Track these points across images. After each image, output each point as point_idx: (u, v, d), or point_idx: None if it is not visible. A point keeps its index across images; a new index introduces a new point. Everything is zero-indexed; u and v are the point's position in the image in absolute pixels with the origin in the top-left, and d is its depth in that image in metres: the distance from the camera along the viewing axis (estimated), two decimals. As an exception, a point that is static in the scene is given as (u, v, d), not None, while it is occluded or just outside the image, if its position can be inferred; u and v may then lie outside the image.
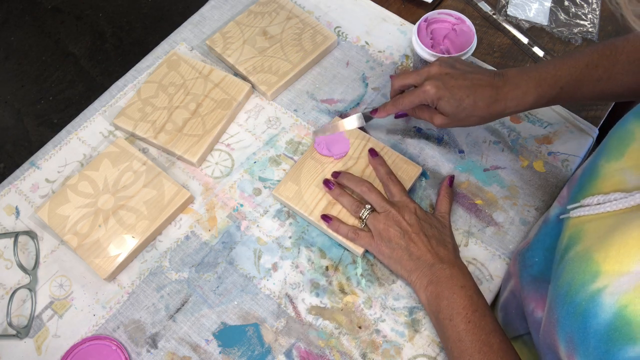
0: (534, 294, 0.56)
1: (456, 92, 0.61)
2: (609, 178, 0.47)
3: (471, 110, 0.62)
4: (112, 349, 0.63)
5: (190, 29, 0.85)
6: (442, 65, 0.64)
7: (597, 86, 0.62)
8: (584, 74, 0.61)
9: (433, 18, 0.78)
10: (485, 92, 0.61)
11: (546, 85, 0.61)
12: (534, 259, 0.59)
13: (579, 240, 0.45)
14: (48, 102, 1.80)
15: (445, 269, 0.61)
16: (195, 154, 0.73)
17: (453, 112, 0.62)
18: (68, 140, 0.76)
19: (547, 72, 0.62)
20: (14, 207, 0.72)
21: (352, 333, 0.64)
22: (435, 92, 0.62)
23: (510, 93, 0.62)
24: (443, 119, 0.64)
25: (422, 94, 0.63)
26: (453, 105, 0.62)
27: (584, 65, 0.62)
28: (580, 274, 0.42)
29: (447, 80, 0.62)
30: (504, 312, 0.65)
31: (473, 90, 0.61)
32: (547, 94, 0.62)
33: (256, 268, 0.68)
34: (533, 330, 0.56)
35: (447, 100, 0.62)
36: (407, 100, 0.65)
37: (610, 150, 0.49)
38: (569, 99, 0.64)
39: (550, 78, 0.62)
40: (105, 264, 0.66)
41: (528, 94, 0.61)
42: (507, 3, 0.87)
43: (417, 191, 0.72)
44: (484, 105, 0.62)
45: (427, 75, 0.64)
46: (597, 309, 0.39)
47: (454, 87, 0.62)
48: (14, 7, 1.97)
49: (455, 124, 0.65)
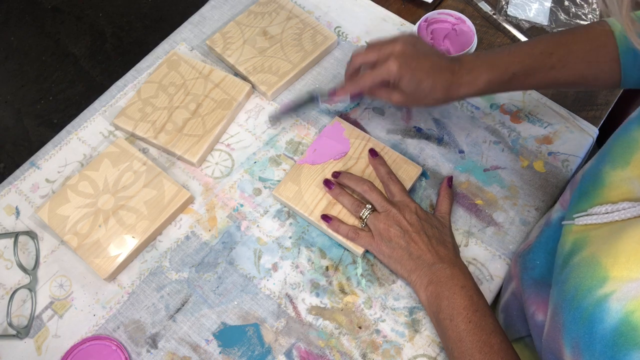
0: (534, 297, 0.56)
1: (417, 73, 0.62)
2: (615, 187, 0.47)
3: (429, 91, 0.63)
4: (112, 349, 0.63)
5: (190, 29, 0.85)
6: (405, 44, 0.63)
7: (550, 73, 0.63)
8: (537, 61, 0.62)
9: (433, 18, 0.78)
10: (443, 75, 0.62)
11: (498, 70, 0.62)
12: (535, 261, 0.59)
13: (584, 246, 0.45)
14: (48, 102, 1.79)
15: (446, 268, 0.61)
16: (195, 154, 0.73)
17: (411, 92, 0.63)
18: (68, 140, 0.76)
19: (500, 59, 0.63)
20: (14, 207, 0.72)
21: (352, 333, 0.64)
22: (397, 70, 0.62)
23: (463, 78, 0.62)
24: (400, 97, 0.64)
25: (386, 72, 0.63)
26: (412, 85, 0.62)
27: (539, 52, 0.62)
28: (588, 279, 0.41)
29: (410, 60, 0.62)
30: (505, 313, 0.65)
31: (432, 73, 0.62)
32: (498, 79, 0.62)
33: (256, 268, 0.68)
34: (534, 333, 0.56)
35: (407, 80, 0.62)
36: (368, 78, 0.64)
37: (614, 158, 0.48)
38: (522, 85, 0.64)
39: (502, 64, 0.62)
40: (105, 264, 0.66)
41: (479, 78, 0.62)
42: (507, 3, 0.87)
43: (417, 191, 0.72)
44: (441, 88, 0.62)
45: (390, 52, 0.63)
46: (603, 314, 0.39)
47: (416, 68, 0.62)
48: (14, 7, 1.97)
49: (412, 103, 0.65)
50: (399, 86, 0.63)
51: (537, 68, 0.62)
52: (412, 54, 0.63)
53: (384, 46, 0.64)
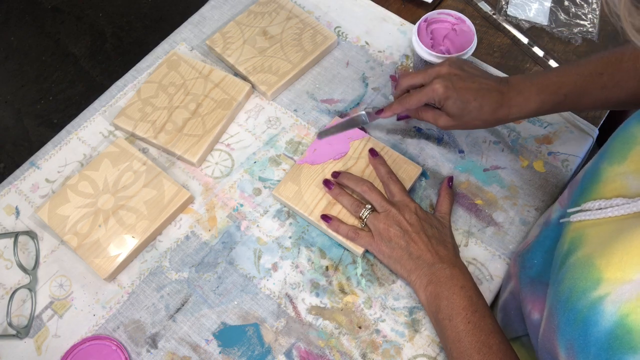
0: (531, 295, 0.56)
1: (464, 93, 0.61)
2: (611, 182, 0.47)
3: (476, 113, 0.62)
4: (112, 349, 0.63)
5: (190, 29, 0.85)
6: (451, 66, 0.64)
7: (602, 94, 0.62)
8: (588, 82, 0.61)
9: (433, 18, 0.78)
10: (492, 96, 0.62)
11: (549, 92, 0.61)
12: (533, 260, 0.59)
13: (580, 246, 0.45)
14: (48, 102, 1.79)
15: (445, 268, 0.61)
16: (195, 154, 0.73)
17: (458, 114, 0.63)
18: (68, 140, 0.76)
19: (550, 80, 0.62)
20: (14, 207, 0.72)
21: (352, 333, 0.64)
22: (443, 91, 0.62)
23: (513, 99, 0.62)
24: (447, 120, 0.64)
25: (431, 92, 0.63)
26: (459, 106, 0.62)
27: (588, 73, 0.61)
28: (582, 280, 0.41)
29: (456, 81, 0.62)
30: (504, 312, 0.65)
31: (480, 94, 0.61)
32: (549, 101, 0.62)
33: (256, 268, 0.68)
34: (530, 332, 0.56)
35: (454, 101, 0.62)
36: (414, 98, 0.65)
37: (612, 154, 0.48)
38: (573, 106, 0.63)
39: (553, 85, 0.61)
40: (105, 264, 0.66)
41: (530, 100, 0.61)
42: (507, 3, 0.87)
43: (417, 191, 0.72)
44: (489, 109, 0.62)
45: (436, 74, 0.64)
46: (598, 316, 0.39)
47: (462, 88, 0.62)
48: (14, 7, 1.97)
49: (459, 126, 0.65)
50: (445, 108, 0.63)
51: (588, 89, 0.61)
52: (458, 75, 0.63)
53: (431, 69, 0.65)
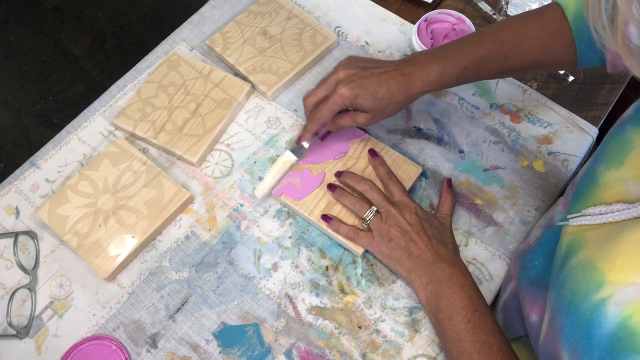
0: (530, 297, 0.56)
1: (369, 86, 0.62)
2: (610, 188, 0.47)
3: (388, 98, 0.63)
4: (112, 349, 0.63)
5: (190, 29, 0.85)
6: (347, 68, 0.64)
7: (504, 63, 0.63)
8: (490, 52, 0.62)
9: (433, 18, 0.78)
10: (395, 78, 0.62)
11: (450, 63, 0.62)
12: (533, 262, 0.59)
13: (579, 248, 0.45)
14: (48, 102, 1.80)
15: (445, 268, 0.61)
16: (195, 154, 0.73)
17: (373, 106, 0.63)
18: (68, 140, 0.76)
19: (452, 52, 0.63)
20: (14, 207, 0.72)
21: (352, 333, 0.64)
22: (350, 92, 0.62)
23: (416, 74, 0.62)
24: (365, 117, 0.65)
25: (339, 98, 0.63)
26: (371, 99, 0.62)
27: (491, 42, 0.62)
28: (585, 283, 0.41)
29: (357, 78, 0.63)
30: (504, 313, 0.65)
31: (384, 80, 0.62)
32: (450, 71, 0.62)
33: (256, 268, 0.68)
34: (530, 333, 0.56)
35: (363, 96, 0.62)
36: (325, 110, 0.64)
37: (609, 158, 0.48)
38: (477, 76, 0.64)
39: (454, 57, 0.62)
40: (105, 264, 0.66)
41: (432, 73, 0.62)
42: (506, 3, 0.87)
43: (417, 191, 0.72)
44: (398, 90, 0.62)
45: (335, 81, 0.64)
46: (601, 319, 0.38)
47: (366, 82, 0.62)
48: (14, 7, 1.97)
49: (378, 117, 0.65)
50: (358, 107, 0.64)
51: (490, 59, 0.62)
52: (356, 73, 0.63)
53: (327, 79, 0.65)
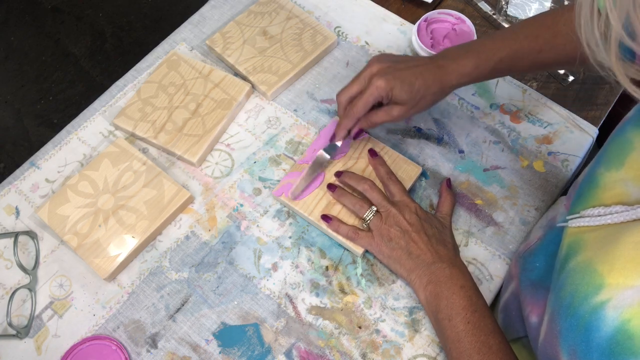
0: (530, 298, 0.56)
1: (405, 77, 0.62)
2: (609, 189, 0.46)
3: (424, 91, 0.62)
4: (112, 349, 0.63)
5: (190, 29, 0.85)
6: (380, 62, 0.64)
7: (538, 57, 0.63)
8: (523, 45, 0.63)
9: (433, 18, 0.78)
10: (431, 70, 0.63)
11: (484, 56, 0.63)
12: (535, 263, 0.58)
13: (579, 250, 0.45)
14: (48, 102, 1.79)
15: (445, 268, 0.61)
16: (195, 154, 0.73)
17: (409, 97, 0.63)
18: (68, 140, 0.76)
19: (485, 45, 0.64)
20: (14, 207, 0.72)
21: (352, 333, 0.64)
22: (386, 84, 0.62)
23: (450, 67, 0.63)
24: (401, 109, 0.64)
25: (375, 90, 0.62)
26: (407, 90, 0.62)
27: (524, 37, 0.63)
28: (584, 285, 0.41)
29: (392, 71, 0.62)
30: (505, 313, 0.65)
31: (420, 72, 0.62)
32: (484, 64, 0.63)
33: (256, 268, 0.68)
34: (530, 334, 0.56)
35: (400, 87, 0.62)
36: (360, 104, 0.63)
37: (609, 159, 0.48)
38: (510, 70, 0.65)
39: (488, 50, 0.63)
40: (105, 264, 0.66)
41: (466, 65, 0.63)
42: (507, 3, 0.87)
43: (417, 191, 0.72)
44: (433, 82, 0.62)
45: (369, 75, 0.63)
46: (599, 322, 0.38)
47: (402, 74, 0.62)
48: (14, 7, 1.97)
49: (413, 110, 0.64)
50: (394, 99, 0.63)
51: (524, 52, 0.63)
52: (390, 66, 0.63)
53: (361, 74, 0.64)
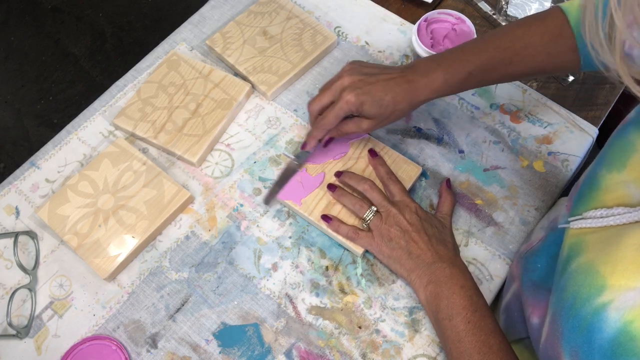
0: (532, 299, 0.56)
1: (375, 93, 0.62)
2: (611, 190, 0.46)
3: (393, 106, 0.62)
4: (112, 349, 0.63)
5: (190, 29, 0.85)
6: (351, 74, 0.64)
7: (508, 68, 0.63)
8: (493, 58, 0.62)
9: (433, 18, 0.78)
10: (400, 85, 0.62)
11: (453, 71, 0.62)
12: (536, 264, 0.58)
13: (580, 252, 0.45)
14: (48, 102, 1.79)
15: (445, 268, 0.61)
16: (195, 154, 0.73)
17: (378, 113, 0.63)
18: (68, 140, 0.76)
19: (454, 58, 0.63)
20: (14, 207, 0.72)
21: (352, 333, 0.64)
22: (356, 99, 0.62)
23: (419, 82, 0.62)
24: (370, 123, 0.64)
25: (345, 105, 0.62)
26: (376, 106, 0.62)
27: (494, 49, 0.62)
28: (586, 287, 0.41)
29: (362, 85, 0.62)
30: (506, 314, 0.65)
31: (390, 87, 0.62)
32: (454, 79, 0.62)
33: (256, 268, 0.68)
34: (531, 335, 0.56)
35: (370, 103, 0.62)
36: (331, 116, 0.64)
37: (611, 161, 0.48)
38: (480, 82, 0.64)
39: (457, 63, 0.62)
40: (105, 264, 0.66)
41: (435, 80, 0.62)
42: (507, 3, 0.87)
43: (417, 191, 0.72)
44: (402, 98, 0.62)
45: (341, 87, 0.63)
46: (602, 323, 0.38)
47: (372, 89, 0.62)
48: (14, 7, 1.97)
49: (382, 123, 0.65)
50: (363, 113, 0.63)
51: (493, 64, 0.62)
52: (361, 80, 0.63)
53: (332, 84, 0.64)
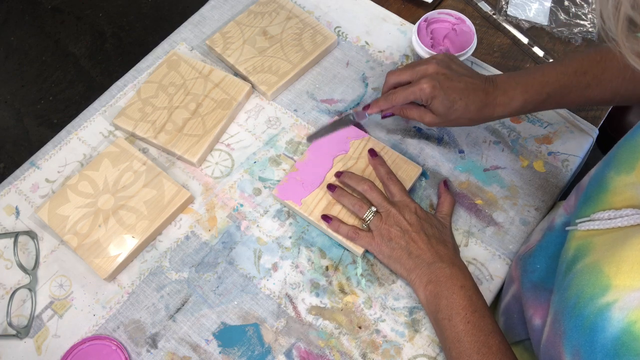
0: (532, 300, 0.56)
1: (450, 93, 0.62)
2: (620, 192, 0.46)
3: (462, 112, 0.63)
4: (112, 349, 0.63)
5: (190, 29, 0.85)
6: (439, 65, 0.64)
7: (585, 92, 0.63)
8: (571, 80, 0.62)
9: (433, 18, 0.78)
10: (477, 96, 0.62)
11: (533, 91, 0.62)
12: (535, 265, 0.58)
13: (587, 253, 0.45)
14: (48, 102, 1.79)
15: (445, 268, 0.60)
16: (195, 154, 0.73)
17: (444, 113, 0.63)
18: (68, 140, 0.76)
19: (534, 79, 0.63)
20: (14, 207, 0.72)
21: (352, 333, 0.64)
22: (430, 91, 0.62)
23: (498, 98, 0.63)
24: (433, 118, 0.65)
25: (418, 91, 0.63)
26: (446, 105, 0.62)
27: (572, 72, 0.62)
28: (590, 286, 0.41)
29: (443, 80, 0.62)
30: (506, 316, 0.64)
31: (466, 94, 0.62)
32: (533, 99, 0.62)
33: (256, 268, 0.68)
34: (532, 337, 0.56)
35: (440, 100, 0.62)
36: (401, 95, 0.65)
37: (620, 163, 0.48)
38: (557, 104, 0.64)
39: (537, 84, 0.62)
40: (105, 264, 0.66)
41: (514, 99, 0.62)
42: (507, 3, 0.87)
43: (417, 191, 0.72)
44: (475, 109, 0.63)
45: (423, 73, 0.64)
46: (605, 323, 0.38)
47: (449, 88, 0.62)
48: (14, 7, 1.97)
49: (444, 124, 0.65)
50: (431, 107, 0.64)
51: (572, 87, 0.62)
52: (445, 74, 0.63)
53: (418, 66, 0.65)
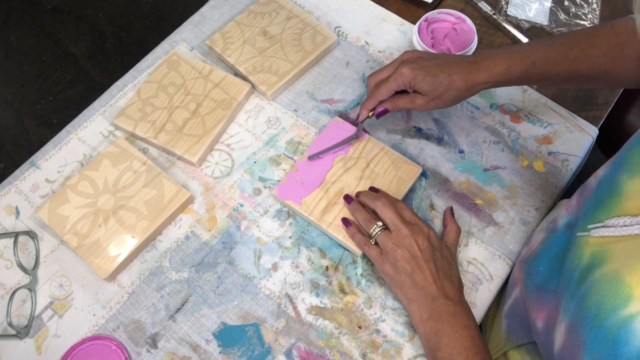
0: (536, 303, 0.55)
1: (431, 69, 0.63)
2: (634, 197, 0.45)
3: (448, 84, 0.63)
4: (112, 349, 0.63)
5: (190, 29, 0.85)
6: (413, 52, 0.67)
7: (572, 65, 0.63)
8: (558, 52, 0.62)
9: (433, 18, 0.78)
10: (459, 66, 0.63)
11: (518, 57, 0.63)
12: (538, 267, 0.58)
13: (605, 261, 0.43)
14: (48, 102, 1.79)
15: (449, 305, 0.58)
16: (195, 154, 0.73)
17: (431, 89, 0.64)
18: (68, 140, 0.76)
19: (519, 48, 0.64)
20: (14, 207, 0.72)
21: (352, 333, 0.64)
22: (410, 72, 0.63)
23: (481, 63, 0.63)
24: (423, 99, 0.65)
25: (399, 77, 0.64)
26: (430, 81, 0.63)
27: (559, 45, 0.63)
28: (611, 297, 0.40)
29: (420, 61, 0.64)
30: (509, 319, 0.64)
31: (447, 66, 0.63)
32: (518, 66, 0.62)
33: (256, 268, 0.68)
34: (537, 339, 0.55)
35: (422, 77, 0.63)
36: (384, 88, 0.66)
37: (632, 166, 0.47)
38: (542, 75, 0.64)
39: (523, 52, 0.63)
40: (105, 264, 0.66)
41: (498, 64, 0.63)
42: (507, 3, 0.87)
43: (417, 191, 0.72)
44: (459, 77, 0.63)
45: (399, 62, 0.66)
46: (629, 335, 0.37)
47: (427, 66, 0.63)
48: (14, 7, 1.97)
49: (434, 102, 0.65)
50: (417, 88, 0.65)
51: (558, 59, 0.62)
52: (420, 56, 0.65)
53: (393, 61, 0.67)
